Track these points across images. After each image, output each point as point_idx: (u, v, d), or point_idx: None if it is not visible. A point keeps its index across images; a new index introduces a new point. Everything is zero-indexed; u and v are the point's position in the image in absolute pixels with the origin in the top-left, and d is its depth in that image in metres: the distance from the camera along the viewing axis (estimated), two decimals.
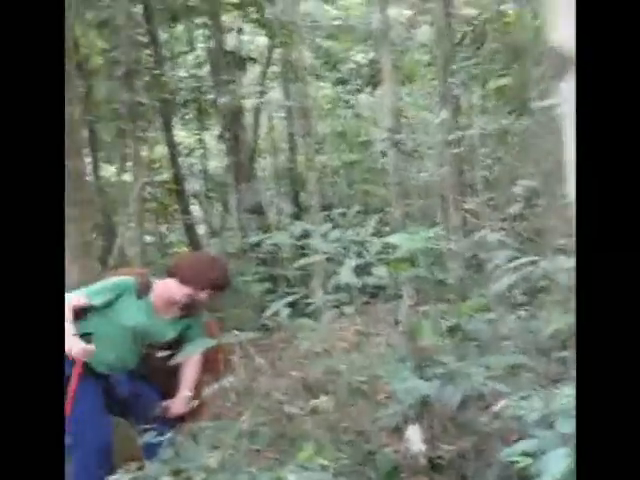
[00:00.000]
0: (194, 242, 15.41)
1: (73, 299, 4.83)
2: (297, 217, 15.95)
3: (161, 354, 4.38)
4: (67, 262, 6.42)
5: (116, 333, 4.89)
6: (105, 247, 13.72)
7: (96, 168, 14.28)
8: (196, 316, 5.08)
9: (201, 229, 17.07)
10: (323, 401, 3.77)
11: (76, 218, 6.43)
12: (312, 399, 3.98)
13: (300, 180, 15.91)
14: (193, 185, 17.27)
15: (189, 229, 15.53)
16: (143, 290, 4.93)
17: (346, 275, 3.68)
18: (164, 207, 16.87)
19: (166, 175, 16.38)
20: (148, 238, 16.20)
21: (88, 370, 4.81)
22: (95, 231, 14.96)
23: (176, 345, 4.88)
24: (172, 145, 15.09)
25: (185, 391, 5.03)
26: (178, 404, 5.03)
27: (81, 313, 4.84)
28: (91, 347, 4.66)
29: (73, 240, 6.43)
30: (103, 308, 4.86)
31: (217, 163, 17.95)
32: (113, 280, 4.99)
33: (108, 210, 14.18)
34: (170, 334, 5.01)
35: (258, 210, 15.07)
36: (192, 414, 4.95)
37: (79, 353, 4.63)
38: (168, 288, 4.92)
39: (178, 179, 15.36)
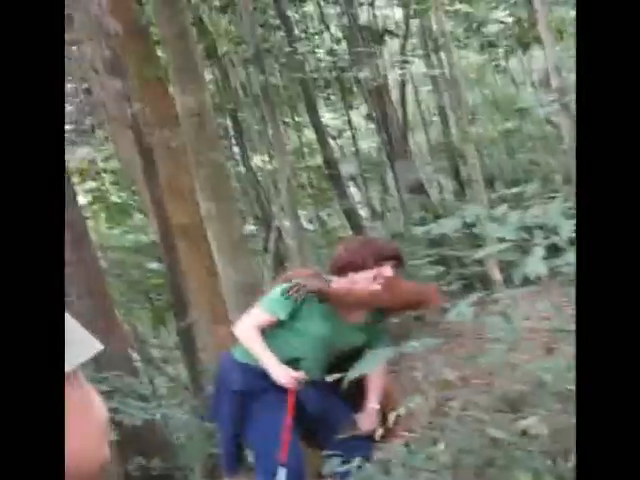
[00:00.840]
0: (356, 226, 14.96)
1: (257, 319, 4.40)
2: (460, 193, 15.34)
3: (333, 377, 3.85)
4: (221, 263, 6.14)
5: (304, 345, 4.41)
6: (266, 238, 13.48)
7: (245, 158, 13.98)
8: (381, 322, 4.59)
9: (362, 212, 16.62)
10: (534, 421, 3.11)
11: (223, 216, 6.08)
12: (516, 416, 3.31)
13: (457, 154, 15.23)
14: (347, 168, 16.80)
15: (349, 213, 15.06)
16: (324, 293, 4.45)
17: (535, 265, 3.06)
18: (321, 192, 16.50)
19: (319, 159, 16.01)
20: (309, 226, 15.91)
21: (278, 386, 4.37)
22: (255, 223, 14.86)
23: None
24: (319, 127, 14.65)
25: (372, 404, 4.53)
26: (366, 419, 4.52)
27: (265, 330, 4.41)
28: (302, 374, 4.29)
29: (223, 239, 6.09)
30: (288, 320, 4.39)
31: (369, 143, 17.46)
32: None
33: (263, 200, 13.89)
34: (357, 340, 4.50)
35: (418, 188, 14.50)
36: (383, 433, 4.44)
37: (291, 382, 4.27)
38: (348, 283, 4.43)
39: (331, 162, 14.91)
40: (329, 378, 3.89)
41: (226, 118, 13.52)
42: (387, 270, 4.32)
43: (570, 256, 3.24)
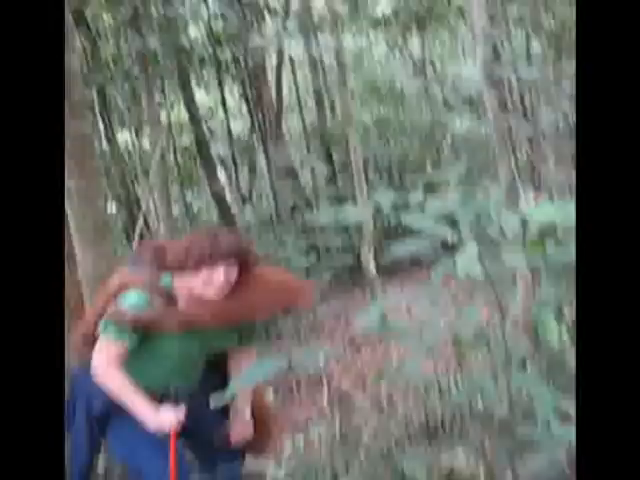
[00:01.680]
0: (223, 210, 14.32)
1: (109, 352, 3.60)
2: (332, 178, 14.92)
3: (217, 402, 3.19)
4: (78, 248, 5.42)
5: (168, 367, 3.74)
6: (129, 221, 12.73)
7: (110, 134, 13.11)
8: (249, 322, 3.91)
9: (229, 196, 15.99)
10: (460, 456, 2.50)
11: (85, 195, 5.35)
12: (434, 443, 2.67)
13: (332, 138, 14.76)
14: (217, 149, 16.12)
15: (217, 196, 14.40)
16: (167, 302, 3.70)
17: (468, 264, 2.51)
18: (188, 174, 15.77)
19: (188, 140, 15.28)
20: (173, 209, 15.19)
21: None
22: (117, 204, 14.02)
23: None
24: (192, 106, 13.92)
25: (244, 414, 3.88)
26: (237, 429, 3.88)
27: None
28: (183, 411, 3.61)
29: (84, 221, 5.36)
30: (140, 344, 3.64)
31: (241, 125, 16.84)
32: (126, 307, 3.64)
33: (128, 180, 13.08)
34: (226, 343, 3.85)
35: (290, 172, 13.96)
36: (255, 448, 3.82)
37: (173, 423, 3.57)
38: (188, 285, 3.63)
39: (201, 143, 14.22)
40: (213, 404, 3.22)
41: (92, 91, 12.65)
42: (219, 273, 3.57)
43: (511, 253, 2.72)
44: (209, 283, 3.56)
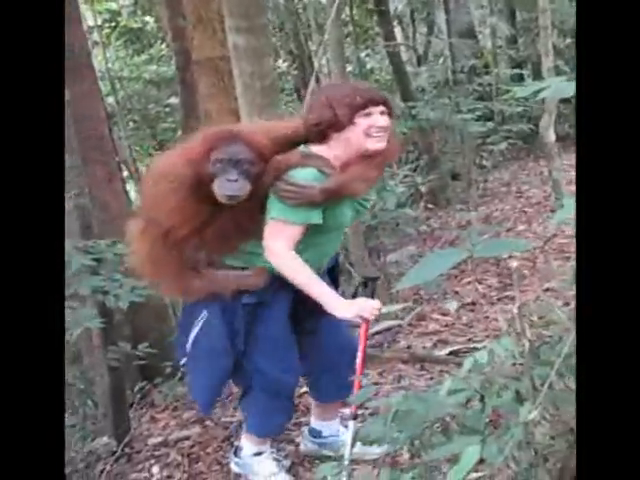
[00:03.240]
0: (398, 69, 13.81)
1: (291, 236, 3.32)
2: (514, 40, 14.16)
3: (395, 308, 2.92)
4: (245, 106, 5.16)
5: (333, 240, 3.57)
6: (300, 78, 12.43)
7: None
8: None
9: (405, 54, 15.41)
10: None
11: (253, 52, 5.03)
12: None
13: None
14: (396, 5, 15.48)
15: (392, 55, 13.87)
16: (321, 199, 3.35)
17: None
18: (364, 30, 15.25)
19: None
20: (347, 65, 14.80)
21: (279, 283, 3.45)
22: (289, 60, 13.75)
23: None
24: None
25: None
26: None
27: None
28: (377, 302, 3.43)
29: (251, 79, 5.07)
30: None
31: None
32: (305, 183, 3.28)
33: (301, 36, 12.69)
34: (366, 204, 3.68)
35: (469, 33, 13.26)
36: None
37: (371, 313, 3.42)
38: (339, 150, 3.36)
39: None
40: (387, 309, 2.93)
41: None
42: (378, 119, 3.31)
43: None
44: (370, 133, 3.30)
